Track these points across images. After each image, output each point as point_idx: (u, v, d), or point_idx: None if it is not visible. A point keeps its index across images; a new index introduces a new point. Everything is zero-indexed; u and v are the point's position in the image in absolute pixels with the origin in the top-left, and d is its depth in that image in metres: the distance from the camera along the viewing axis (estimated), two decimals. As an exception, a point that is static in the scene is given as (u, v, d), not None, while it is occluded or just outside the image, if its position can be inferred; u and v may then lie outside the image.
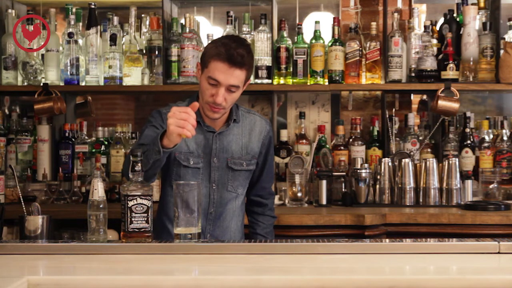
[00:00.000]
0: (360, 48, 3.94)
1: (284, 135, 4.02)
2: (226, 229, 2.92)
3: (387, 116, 3.96)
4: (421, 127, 4.12)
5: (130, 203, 2.39)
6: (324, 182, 3.75)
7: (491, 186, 3.79)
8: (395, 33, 3.91)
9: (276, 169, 3.92)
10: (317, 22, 3.97)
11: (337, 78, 3.91)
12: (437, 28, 4.04)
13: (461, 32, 3.93)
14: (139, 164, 2.42)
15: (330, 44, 3.94)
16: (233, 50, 2.67)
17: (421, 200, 3.72)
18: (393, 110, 4.08)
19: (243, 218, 3.02)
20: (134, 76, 3.90)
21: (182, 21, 4.00)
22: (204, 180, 2.86)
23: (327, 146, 4.03)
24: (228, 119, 2.88)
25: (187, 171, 2.84)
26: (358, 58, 3.93)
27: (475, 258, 2.25)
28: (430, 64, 3.85)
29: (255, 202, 3.07)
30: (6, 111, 4.18)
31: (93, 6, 3.92)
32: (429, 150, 3.96)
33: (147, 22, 4.03)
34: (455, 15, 4.02)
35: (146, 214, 2.40)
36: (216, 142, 2.86)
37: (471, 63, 3.88)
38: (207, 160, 2.85)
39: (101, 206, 2.44)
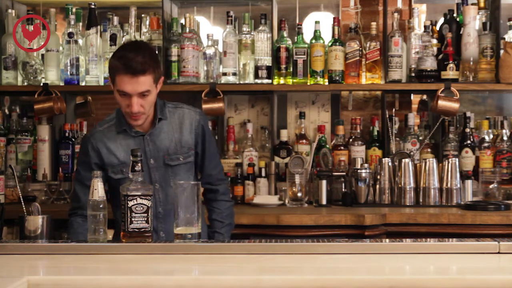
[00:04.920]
0: (360, 48, 3.94)
1: (284, 135, 4.02)
2: None
3: (387, 116, 3.96)
4: (421, 127, 4.12)
5: (130, 203, 2.39)
6: (324, 182, 3.75)
7: (491, 186, 3.78)
8: (395, 33, 3.91)
9: (276, 169, 3.93)
10: (317, 22, 3.97)
11: (337, 78, 3.91)
12: (437, 28, 4.04)
13: (461, 32, 3.93)
14: (139, 164, 2.42)
15: (330, 44, 3.94)
16: (131, 61, 2.69)
17: (421, 200, 3.72)
18: (393, 110, 4.08)
19: None
20: (134, 76, 3.89)
21: (182, 21, 4.00)
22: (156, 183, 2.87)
23: (327, 146, 4.02)
24: (153, 119, 2.89)
25: (125, 181, 2.83)
26: (358, 58, 3.92)
27: (475, 258, 2.25)
28: (430, 64, 3.85)
29: (207, 190, 3.06)
30: (6, 111, 4.18)
31: (93, 6, 3.92)
32: (429, 150, 3.96)
33: (147, 22, 4.03)
34: (455, 15, 4.02)
35: (146, 214, 2.40)
36: (148, 144, 2.87)
37: (471, 63, 3.88)
38: (145, 163, 2.82)
39: (101, 206, 2.43)
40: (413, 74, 3.93)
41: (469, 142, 3.94)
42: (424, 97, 4.28)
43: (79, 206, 2.83)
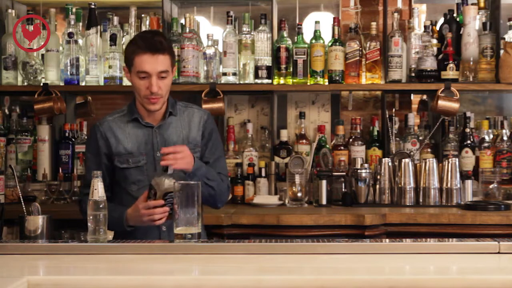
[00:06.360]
0: (360, 48, 3.94)
1: (284, 135, 4.02)
2: None
3: (387, 116, 3.96)
4: (421, 127, 4.12)
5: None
6: (324, 182, 3.75)
7: (491, 186, 3.78)
8: (395, 33, 3.91)
9: (276, 169, 3.93)
10: (317, 22, 3.97)
11: (337, 78, 3.91)
12: (437, 28, 4.04)
13: (461, 32, 3.93)
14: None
15: (330, 44, 3.94)
16: (151, 39, 2.81)
17: (421, 200, 3.72)
18: (393, 110, 4.08)
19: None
20: (134, 76, 3.89)
21: (182, 21, 4.00)
22: (150, 176, 2.84)
23: (327, 146, 4.02)
24: (165, 113, 2.94)
25: (129, 172, 2.88)
26: (358, 58, 3.92)
27: (475, 258, 2.25)
28: (430, 64, 3.85)
29: None
30: (6, 111, 4.18)
31: (93, 6, 3.93)
32: (429, 150, 3.96)
33: (147, 22, 4.02)
34: (455, 15, 4.02)
35: None
36: (156, 136, 2.91)
37: (471, 63, 3.88)
38: (151, 155, 2.88)
39: (101, 206, 2.44)
40: (413, 74, 3.93)
41: (469, 142, 3.94)
42: (424, 97, 4.28)
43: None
